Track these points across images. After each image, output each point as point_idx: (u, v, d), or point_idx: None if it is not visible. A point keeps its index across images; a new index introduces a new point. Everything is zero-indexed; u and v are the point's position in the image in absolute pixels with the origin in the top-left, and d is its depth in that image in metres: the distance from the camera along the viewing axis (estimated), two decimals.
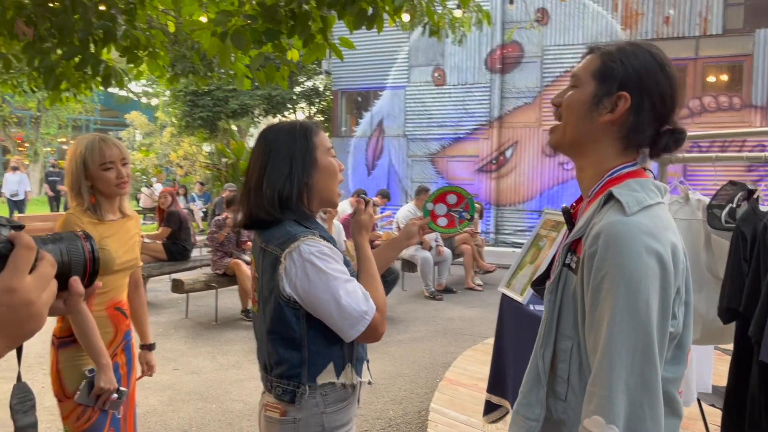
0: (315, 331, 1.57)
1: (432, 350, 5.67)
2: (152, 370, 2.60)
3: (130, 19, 3.58)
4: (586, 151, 1.28)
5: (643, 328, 1.08)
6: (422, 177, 12.76)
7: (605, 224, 1.14)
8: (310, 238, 1.55)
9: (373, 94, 13.53)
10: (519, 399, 1.35)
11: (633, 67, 1.21)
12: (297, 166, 1.60)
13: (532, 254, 3.12)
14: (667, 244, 1.13)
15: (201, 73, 4.71)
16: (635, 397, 1.08)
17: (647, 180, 1.23)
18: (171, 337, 6.02)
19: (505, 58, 12.17)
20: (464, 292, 8.45)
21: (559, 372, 1.25)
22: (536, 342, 1.33)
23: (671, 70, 1.23)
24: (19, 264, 0.69)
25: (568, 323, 1.24)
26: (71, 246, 0.79)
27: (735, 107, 10.62)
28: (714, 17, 10.61)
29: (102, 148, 2.19)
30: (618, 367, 1.08)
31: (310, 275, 1.52)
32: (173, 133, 18.78)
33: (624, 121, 1.22)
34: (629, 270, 1.09)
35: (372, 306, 1.55)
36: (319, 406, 1.60)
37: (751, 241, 1.85)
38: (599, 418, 1.09)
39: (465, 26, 5.04)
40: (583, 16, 11.53)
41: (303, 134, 1.64)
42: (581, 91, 1.26)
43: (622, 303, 1.09)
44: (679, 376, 1.20)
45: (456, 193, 1.95)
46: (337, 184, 1.69)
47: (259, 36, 3.13)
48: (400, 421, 4.04)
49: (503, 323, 3.17)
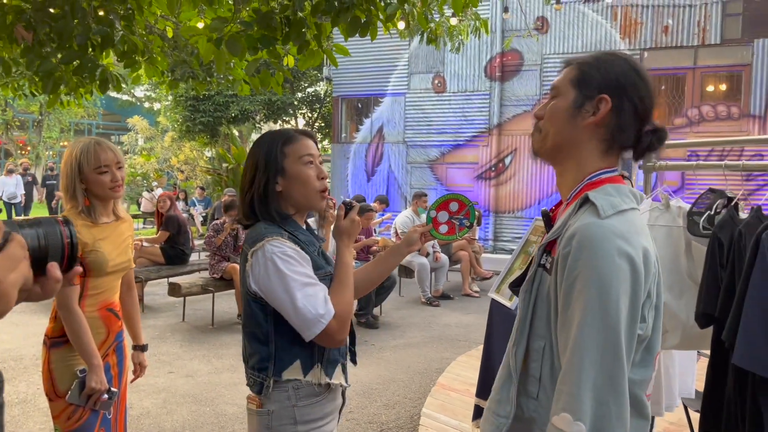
0: (282, 328, 1.63)
1: (427, 356, 5.69)
2: (144, 370, 2.64)
3: (128, 25, 3.62)
4: (567, 156, 1.32)
5: (612, 329, 1.11)
6: (421, 183, 12.80)
7: (579, 226, 1.18)
8: (275, 238, 1.62)
9: (374, 100, 13.58)
10: (491, 395, 1.38)
11: (610, 72, 1.27)
12: (261, 174, 1.70)
13: (522, 260, 3.15)
14: (638, 248, 1.16)
15: (200, 78, 4.75)
16: (602, 395, 1.11)
17: (624, 186, 1.27)
18: (167, 341, 6.05)
19: (505, 66, 12.23)
20: (461, 299, 8.47)
21: (531, 371, 1.28)
22: (509, 340, 1.36)
23: (645, 74, 1.29)
24: None
25: (541, 323, 1.27)
26: (49, 230, 0.78)
27: (733, 116, 10.65)
28: (712, 27, 10.66)
29: (97, 151, 2.23)
30: (586, 366, 1.11)
31: (271, 275, 1.58)
32: (174, 138, 18.83)
33: (607, 122, 1.26)
34: (601, 271, 1.13)
35: (330, 311, 1.58)
36: (291, 399, 1.65)
37: (728, 248, 1.89)
38: (567, 415, 1.12)
39: (463, 34, 5.09)
40: (583, 25, 11.59)
41: (276, 143, 1.72)
42: (562, 99, 1.31)
43: (593, 303, 1.12)
44: (646, 378, 1.23)
45: (458, 200, 1.99)
46: (313, 191, 1.71)
47: (255, 42, 3.18)
48: (392, 426, 4.06)
49: (492, 328, 3.20)
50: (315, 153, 1.74)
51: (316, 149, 1.76)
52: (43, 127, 25.46)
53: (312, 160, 1.72)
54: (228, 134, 18.02)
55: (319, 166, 1.74)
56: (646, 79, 1.28)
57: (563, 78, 1.33)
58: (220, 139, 17.79)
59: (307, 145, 1.73)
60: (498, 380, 1.38)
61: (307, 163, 1.71)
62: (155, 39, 3.98)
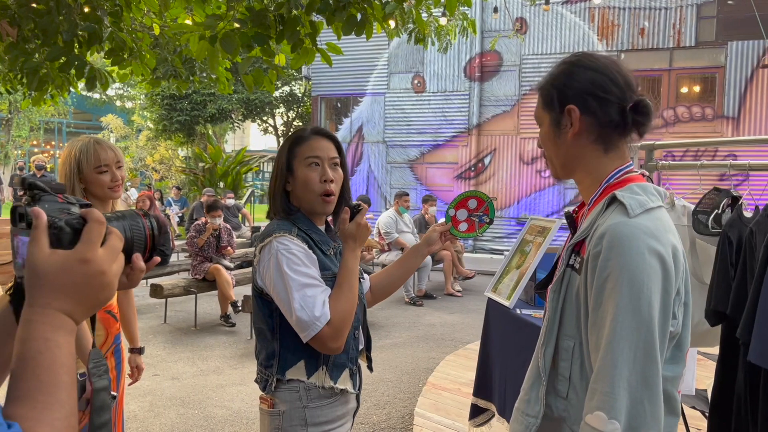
0: (287, 326, 1.61)
1: (414, 355, 5.69)
2: (141, 373, 2.59)
3: (116, 21, 3.55)
4: (575, 168, 1.36)
5: (645, 327, 1.12)
6: (401, 183, 12.81)
7: (609, 225, 1.19)
8: (284, 235, 1.60)
9: (353, 100, 13.56)
10: (520, 396, 1.38)
11: (561, 82, 1.32)
12: (275, 175, 1.73)
13: (518, 259, 3.16)
14: (668, 245, 1.17)
15: (182, 77, 4.68)
16: (636, 394, 1.11)
17: (648, 184, 1.28)
18: (150, 343, 5.95)
19: (484, 67, 12.31)
20: (444, 298, 8.49)
21: (560, 370, 1.28)
22: (538, 340, 1.37)
23: (599, 62, 1.31)
24: (92, 237, 0.74)
25: (570, 323, 1.27)
26: (133, 223, 0.85)
27: (707, 118, 10.87)
28: (687, 29, 10.87)
29: (97, 150, 2.18)
30: (620, 365, 1.12)
31: (273, 272, 1.58)
32: (149, 137, 18.57)
33: (586, 126, 1.30)
34: (632, 270, 1.13)
35: (326, 315, 1.55)
36: (302, 401, 1.63)
37: (737, 246, 1.92)
38: (601, 414, 1.12)
39: (450, 34, 5.10)
40: (561, 27, 11.72)
41: (290, 142, 1.72)
42: (544, 126, 1.38)
43: (625, 302, 1.13)
44: (677, 375, 1.24)
45: (476, 197, 1.98)
46: (312, 194, 1.68)
47: (248, 40, 3.13)
48: (384, 426, 4.04)
49: (489, 327, 3.20)
50: (323, 155, 1.69)
51: (330, 150, 1.71)
52: (12, 126, 24.88)
53: (317, 161, 1.68)
54: (204, 133, 17.83)
55: (326, 168, 1.68)
56: (604, 68, 1.30)
57: (537, 107, 1.41)
58: (196, 138, 17.59)
59: (314, 147, 1.69)
60: (527, 380, 1.38)
61: (311, 164, 1.68)
62: (144, 36, 3.91)
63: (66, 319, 0.72)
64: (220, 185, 15.08)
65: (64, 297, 0.72)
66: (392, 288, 1.93)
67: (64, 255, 0.73)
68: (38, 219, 0.74)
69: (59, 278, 0.72)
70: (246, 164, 16.91)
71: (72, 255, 0.73)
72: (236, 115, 18.27)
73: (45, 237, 0.73)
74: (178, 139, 17.59)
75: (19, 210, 0.78)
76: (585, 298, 1.22)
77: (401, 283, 1.96)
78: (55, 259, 0.72)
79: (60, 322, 0.71)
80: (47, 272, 0.71)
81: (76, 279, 0.72)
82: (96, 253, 0.74)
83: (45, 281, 0.71)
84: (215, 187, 14.54)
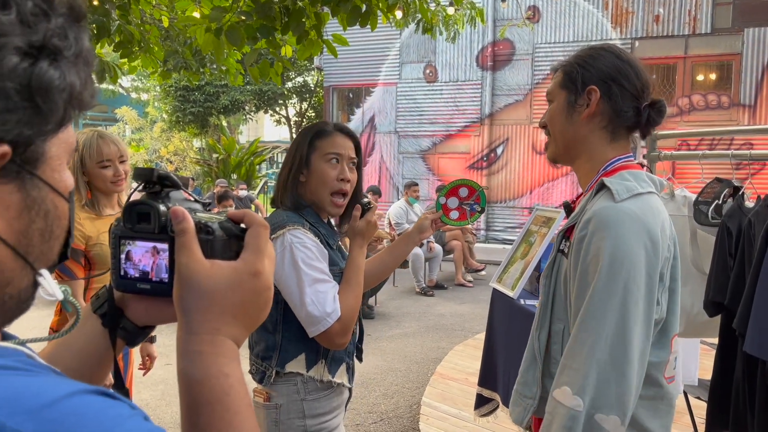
0: (290, 319, 1.62)
1: (423, 345, 5.72)
2: (153, 362, 2.62)
3: (124, 14, 3.58)
4: (578, 152, 1.37)
5: (618, 309, 1.14)
6: (413, 174, 12.79)
7: (595, 210, 1.21)
8: (297, 228, 1.60)
9: (365, 90, 13.54)
10: (518, 378, 1.41)
11: (591, 64, 1.34)
12: (289, 163, 1.71)
13: (522, 250, 3.16)
14: (654, 230, 1.18)
15: (193, 68, 4.71)
16: (604, 374, 1.13)
17: (641, 172, 1.30)
18: (162, 332, 5.98)
19: (497, 56, 12.22)
20: (455, 288, 8.50)
21: (553, 353, 1.31)
22: (533, 324, 1.39)
23: (629, 57, 1.35)
24: (260, 244, 0.63)
25: (560, 306, 1.30)
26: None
27: (723, 106, 10.73)
28: (703, 16, 10.71)
29: (100, 145, 2.21)
30: (591, 343, 1.14)
31: (286, 265, 1.57)
32: (164, 129, 18.69)
33: (602, 110, 1.31)
34: (613, 253, 1.15)
35: (337, 311, 1.56)
36: (299, 393, 1.65)
37: (736, 236, 1.91)
38: (568, 389, 1.14)
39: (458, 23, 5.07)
40: (574, 15, 11.59)
41: (309, 135, 1.71)
42: (556, 102, 1.38)
43: (602, 283, 1.15)
44: (663, 360, 1.25)
45: (467, 186, 1.99)
46: (328, 191, 1.68)
47: (254, 32, 3.15)
48: (391, 415, 4.08)
49: (494, 317, 3.21)
50: (344, 153, 1.69)
51: (350, 149, 1.71)
52: None
53: (337, 158, 1.68)
54: (218, 125, 17.91)
55: (344, 167, 1.69)
56: (631, 62, 1.33)
57: (553, 84, 1.41)
58: (210, 129, 17.68)
59: (336, 143, 1.69)
60: (523, 363, 1.41)
61: (330, 160, 1.68)
62: (152, 29, 3.93)
63: (235, 347, 0.61)
64: (234, 176, 15.18)
65: (232, 319, 0.60)
66: (383, 275, 1.96)
67: (231, 267, 0.61)
68: (185, 221, 0.61)
69: (227, 296, 0.60)
70: (259, 155, 17.00)
71: (242, 267, 0.61)
72: (249, 107, 18.32)
73: (197, 244, 0.61)
74: (192, 130, 17.69)
75: (142, 208, 0.64)
76: (571, 282, 1.24)
77: (391, 270, 1.98)
78: (220, 273, 0.60)
79: (233, 353, 0.60)
80: (214, 289, 0.60)
81: (244, 296, 0.61)
82: (265, 265, 0.63)
83: (211, 301, 0.60)
84: (228, 178, 14.64)
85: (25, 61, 0.46)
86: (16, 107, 0.45)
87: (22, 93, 0.45)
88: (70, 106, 0.50)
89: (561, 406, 1.14)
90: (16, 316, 0.53)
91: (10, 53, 0.45)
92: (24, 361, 0.46)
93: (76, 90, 0.50)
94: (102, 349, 0.70)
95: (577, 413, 1.12)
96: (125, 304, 0.72)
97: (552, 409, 1.17)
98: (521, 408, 1.37)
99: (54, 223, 0.53)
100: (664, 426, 1.24)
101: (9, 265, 0.49)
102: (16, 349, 0.48)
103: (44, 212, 0.51)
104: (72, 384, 0.44)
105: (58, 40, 0.48)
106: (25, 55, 0.46)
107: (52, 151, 0.51)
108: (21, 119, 0.46)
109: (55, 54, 0.48)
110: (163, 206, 0.63)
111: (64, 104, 0.49)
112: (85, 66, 0.51)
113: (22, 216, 0.49)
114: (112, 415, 0.43)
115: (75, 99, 0.50)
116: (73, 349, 0.69)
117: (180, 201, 0.66)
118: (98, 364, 0.70)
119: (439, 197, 1.99)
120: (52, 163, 0.51)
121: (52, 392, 0.41)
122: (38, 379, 0.44)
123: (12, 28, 0.45)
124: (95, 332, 0.70)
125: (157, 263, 0.65)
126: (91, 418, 0.41)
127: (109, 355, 0.69)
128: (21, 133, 0.46)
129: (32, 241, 0.51)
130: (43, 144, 0.49)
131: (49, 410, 0.40)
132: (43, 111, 0.47)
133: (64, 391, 0.42)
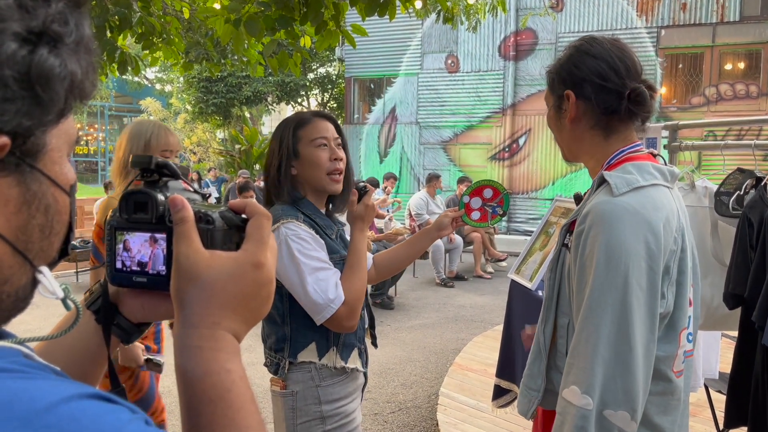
0: (297, 310, 1.65)
1: (443, 336, 5.72)
2: None
3: (146, 6, 3.62)
4: (580, 152, 1.38)
5: (620, 304, 1.13)
6: (435, 164, 12.75)
7: (592, 205, 1.20)
8: (291, 221, 1.63)
9: (386, 81, 13.50)
10: (525, 371, 1.41)
11: (563, 68, 1.33)
12: (275, 158, 1.73)
13: (542, 241, 3.13)
14: (655, 223, 1.16)
15: (215, 60, 4.75)
16: (610, 370, 1.13)
17: (646, 163, 1.26)
18: None
19: (519, 45, 12.09)
20: (475, 280, 8.48)
21: (558, 347, 1.31)
22: (539, 318, 1.39)
23: (597, 48, 1.30)
24: (263, 235, 0.61)
25: (565, 300, 1.29)
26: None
27: (752, 95, 10.50)
28: (731, 4, 10.46)
29: (166, 134, 2.28)
30: (595, 340, 1.14)
31: (284, 257, 1.60)
32: (187, 120, 18.87)
33: (583, 111, 1.30)
34: (610, 248, 1.14)
35: (340, 297, 1.59)
36: (314, 380, 1.68)
37: (758, 228, 1.87)
38: (576, 388, 1.14)
39: (480, 13, 5.04)
40: (599, 3, 11.41)
41: (291, 127, 1.73)
42: (549, 108, 1.40)
43: (601, 279, 1.14)
44: (670, 354, 1.23)
45: (492, 187, 1.98)
46: (324, 173, 1.70)
47: (273, 23, 3.16)
48: (410, 405, 4.09)
49: (512, 309, 3.20)
50: (329, 135, 1.73)
51: (333, 131, 1.75)
52: None
53: (325, 142, 1.72)
54: (240, 116, 18.03)
55: (334, 148, 1.73)
56: (601, 54, 1.29)
57: (546, 89, 1.42)
58: (232, 120, 17.81)
59: (319, 128, 1.73)
60: (530, 356, 1.41)
61: (320, 145, 1.71)
62: (173, 21, 3.97)
63: (235, 342, 0.59)
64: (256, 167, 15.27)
65: (232, 313, 0.58)
66: (397, 267, 1.97)
67: (232, 258, 0.59)
68: (184, 210, 0.59)
69: (228, 288, 0.58)
70: None
71: (243, 258, 0.59)
72: (271, 98, 18.41)
73: (197, 234, 0.59)
74: (215, 121, 17.84)
75: (139, 197, 0.62)
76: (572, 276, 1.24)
77: (407, 264, 1.99)
78: (221, 264, 0.58)
79: (233, 347, 0.58)
80: (214, 280, 0.58)
81: (246, 289, 0.59)
82: (268, 257, 0.60)
83: (211, 293, 0.57)
84: (251, 169, 14.73)
85: (24, 48, 0.44)
86: (14, 96, 0.44)
87: (21, 82, 0.44)
88: (71, 96, 0.48)
89: (571, 406, 1.14)
90: (13, 315, 0.51)
91: (9, 39, 0.43)
92: (20, 362, 0.44)
93: (77, 78, 0.48)
94: (94, 346, 0.68)
95: (587, 412, 1.11)
96: (120, 299, 0.70)
97: (563, 410, 1.16)
98: (527, 399, 1.38)
99: (54, 218, 0.51)
100: (674, 422, 1.23)
101: (7, 262, 0.48)
102: (13, 348, 0.46)
103: (44, 207, 0.50)
104: (70, 387, 0.42)
105: (59, 26, 0.46)
106: (24, 41, 0.44)
107: (53, 142, 0.49)
108: (20, 109, 0.44)
109: (56, 41, 0.46)
110: (161, 195, 0.61)
111: (64, 93, 0.47)
112: (86, 54, 0.49)
113: (21, 211, 0.48)
114: (112, 420, 0.42)
115: (76, 88, 0.48)
116: (64, 347, 0.67)
117: (178, 191, 0.63)
118: (91, 363, 0.68)
119: (463, 196, 1.99)
120: (52, 155, 0.49)
121: (48, 397, 0.40)
122: (34, 382, 0.42)
123: (10, 13, 0.43)
124: (88, 329, 0.68)
125: (154, 253, 0.62)
126: (89, 424, 0.40)
127: (102, 353, 0.67)
128: (20, 124, 0.45)
129: (32, 237, 0.49)
130: (43, 135, 0.48)
131: (45, 416, 0.39)
132: (43, 100, 0.45)
133: (61, 395, 0.41)
